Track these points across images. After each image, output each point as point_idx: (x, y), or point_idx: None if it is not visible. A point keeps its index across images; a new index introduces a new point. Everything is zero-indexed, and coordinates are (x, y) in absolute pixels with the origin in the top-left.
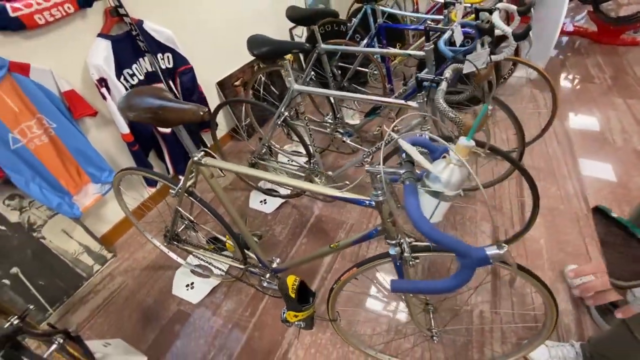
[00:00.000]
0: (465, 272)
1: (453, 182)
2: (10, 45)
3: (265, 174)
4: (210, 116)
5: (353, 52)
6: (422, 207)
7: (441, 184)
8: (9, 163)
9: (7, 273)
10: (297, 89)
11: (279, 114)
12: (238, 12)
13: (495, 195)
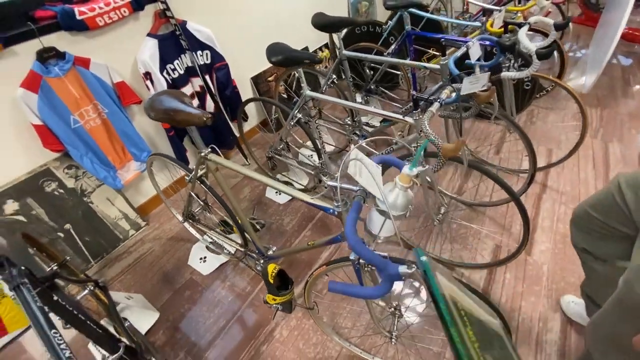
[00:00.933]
0: (384, 284)
1: (397, 204)
2: (76, 43)
3: (254, 173)
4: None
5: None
6: (373, 222)
7: (387, 205)
8: (68, 139)
9: (62, 227)
10: (309, 95)
11: (292, 116)
12: (277, 14)
13: (507, 214)
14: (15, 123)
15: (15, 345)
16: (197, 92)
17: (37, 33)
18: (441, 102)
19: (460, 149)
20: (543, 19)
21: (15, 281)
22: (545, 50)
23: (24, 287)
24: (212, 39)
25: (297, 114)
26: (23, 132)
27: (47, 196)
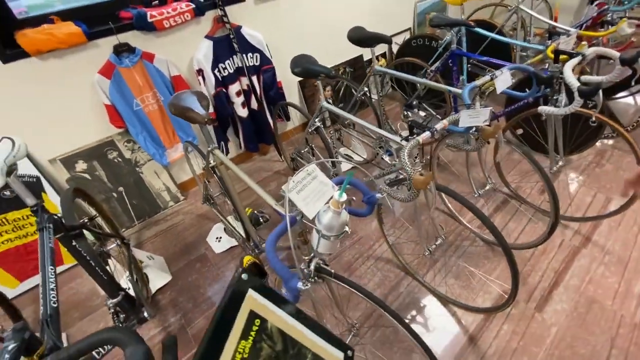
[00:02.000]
0: (289, 295)
1: (331, 225)
2: (144, 40)
3: (244, 175)
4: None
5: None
6: (314, 239)
7: (322, 225)
8: (129, 119)
9: (116, 189)
10: (325, 107)
11: (311, 124)
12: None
13: (529, 261)
14: (91, 101)
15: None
16: (243, 90)
17: (115, 31)
18: (432, 131)
19: (428, 183)
20: (606, 50)
21: (42, 224)
22: (589, 87)
23: (46, 230)
24: (262, 44)
25: (316, 122)
26: (96, 109)
27: (108, 162)
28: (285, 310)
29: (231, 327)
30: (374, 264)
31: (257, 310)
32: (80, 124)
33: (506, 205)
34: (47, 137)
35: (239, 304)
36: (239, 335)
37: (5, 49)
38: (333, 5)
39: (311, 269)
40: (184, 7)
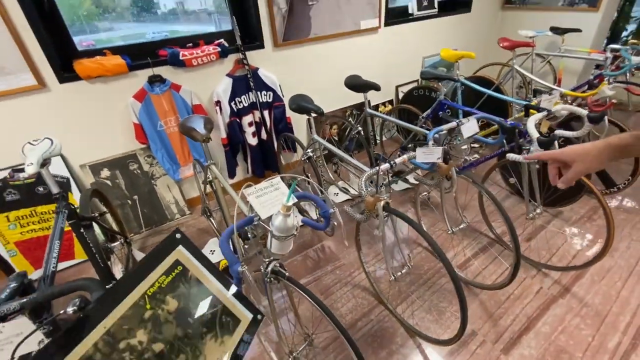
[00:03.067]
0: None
1: (280, 227)
2: (174, 74)
3: (229, 187)
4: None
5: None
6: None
7: (274, 227)
8: (152, 137)
9: (131, 197)
10: (315, 139)
11: (304, 154)
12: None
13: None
14: (123, 120)
15: (76, 269)
16: (255, 122)
17: (152, 65)
18: (392, 163)
19: (375, 205)
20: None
21: (59, 209)
22: (546, 139)
23: (61, 213)
24: (275, 84)
25: (308, 152)
26: (125, 126)
27: (128, 172)
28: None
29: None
30: (350, 290)
31: (182, 260)
32: (111, 137)
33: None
34: (83, 145)
35: (169, 252)
36: (162, 271)
37: (63, 72)
38: (346, 55)
39: (268, 270)
40: (211, 50)
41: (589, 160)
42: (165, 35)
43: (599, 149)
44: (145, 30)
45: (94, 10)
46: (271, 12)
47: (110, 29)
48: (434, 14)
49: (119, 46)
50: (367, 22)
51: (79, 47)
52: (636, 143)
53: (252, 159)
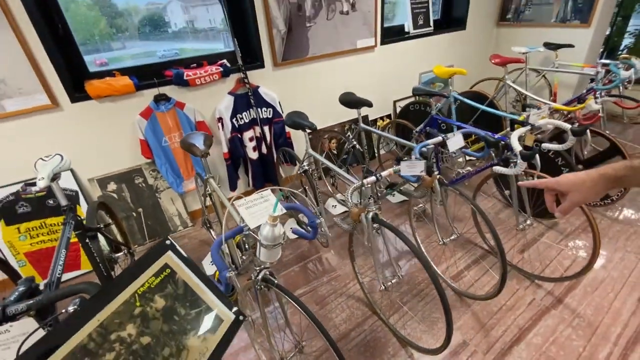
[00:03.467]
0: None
1: (267, 236)
2: (179, 93)
3: (225, 199)
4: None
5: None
6: (258, 249)
7: (262, 236)
8: (157, 152)
9: (136, 209)
10: (309, 153)
11: (299, 167)
12: (341, 86)
13: (498, 313)
14: (129, 136)
15: (80, 279)
16: (256, 137)
17: (157, 85)
18: (377, 176)
19: (359, 215)
20: (557, 122)
21: (67, 220)
22: (528, 152)
23: (68, 224)
24: (275, 101)
25: (304, 166)
26: (132, 142)
27: (134, 186)
28: (195, 274)
29: (148, 267)
30: (345, 301)
31: (171, 264)
32: (118, 152)
33: (475, 255)
34: (91, 160)
35: (158, 256)
36: (152, 273)
37: (75, 92)
38: (344, 73)
39: (258, 278)
40: (214, 70)
41: (585, 191)
42: (176, 53)
43: (593, 180)
44: (157, 49)
45: (108, 30)
46: (271, 34)
47: (123, 47)
48: (429, 32)
49: (127, 67)
50: (364, 42)
51: (94, 65)
52: (630, 174)
53: (253, 173)
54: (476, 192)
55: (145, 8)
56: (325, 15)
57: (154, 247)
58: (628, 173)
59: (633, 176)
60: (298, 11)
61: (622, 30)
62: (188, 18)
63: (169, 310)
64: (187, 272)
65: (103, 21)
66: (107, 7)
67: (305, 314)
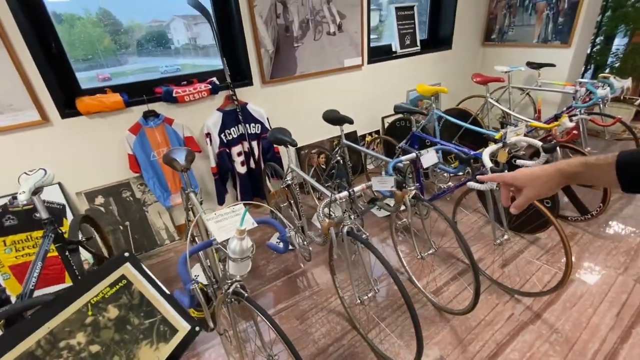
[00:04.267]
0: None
1: (235, 249)
2: (168, 109)
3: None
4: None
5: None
6: (227, 262)
7: (230, 249)
8: (145, 167)
9: (123, 223)
10: (291, 167)
11: (283, 181)
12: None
13: (477, 328)
14: (118, 151)
15: None
16: (244, 152)
17: (147, 101)
18: (350, 191)
19: (327, 229)
20: (529, 140)
21: (46, 233)
22: (499, 168)
23: (47, 237)
24: (263, 117)
25: (287, 180)
26: (120, 157)
27: (121, 199)
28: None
29: (104, 278)
30: (325, 315)
31: (128, 276)
32: (106, 166)
33: (457, 270)
34: (80, 174)
35: (115, 267)
36: (107, 284)
37: (65, 108)
38: (332, 90)
39: (229, 291)
40: (203, 88)
41: (539, 186)
42: (177, 69)
43: (548, 175)
44: (159, 64)
45: (112, 47)
46: (259, 53)
47: (126, 63)
48: (416, 52)
49: (119, 84)
50: (351, 61)
51: (96, 79)
52: (585, 170)
53: (241, 187)
54: (456, 206)
55: (149, 25)
56: (313, 36)
57: (112, 259)
58: (582, 169)
59: (587, 172)
60: (286, 32)
61: (605, 50)
62: (191, 35)
63: (122, 320)
64: (145, 283)
65: (107, 38)
66: (112, 25)
67: (274, 328)
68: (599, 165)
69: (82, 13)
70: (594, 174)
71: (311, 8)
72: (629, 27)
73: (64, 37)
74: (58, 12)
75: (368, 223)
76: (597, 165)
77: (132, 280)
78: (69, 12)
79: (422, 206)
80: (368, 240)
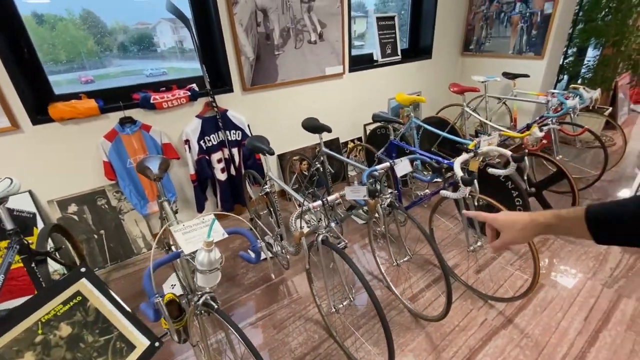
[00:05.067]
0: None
1: (202, 262)
2: (145, 116)
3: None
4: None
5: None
6: (196, 274)
7: (197, 261)
8: (121, 174)
9: (98, 232)
10: (269, 175)
11: (262, 189)
12: (310, 111)
13: (451, 334)
14: (93, 158)
15: None
16: (225, 159)
17: (123, 108)
18: (323, 200)
19: (298, 239)
20: (499, 150)
21: (10, 244)
22: (468, 178)
23: (11, 249)
24: (244, 124)
25: (265, 188)
26: (95, 164)
27: (96, 207)
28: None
29: (57, 295)
30: (303, 324)
31: (83, 291)
32: (80, 174)
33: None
34: (52, 182)
35: (70, 284)
36: (60, 300)
37: (37, 114)
38: (314, 98)
39: (199, 303)
40: (182, 94)
41: (514, 233)
42: (164, 72)
43: (524, 224)
44: (145, 67)
45: (96, 49)
46: (239, 60)
47: (110, 65)
48: (397, 61)
49: (95, 90)
50: (332, 69)
51: (78, 82)
52: (558, 222)
53: (222, 194)
54: (432, 213)
55: (135, 27)
56: (294, 44)
57: (67, 275)
58: (555, 221)
59: (560, 225)
60: (266, 40)
61: (577, 62)
62: (177, 38)
63: (75, 338)
64: (102, 299)
65: (90, 40)
66: (95, 26)
67: (243, 340)
68: (570, 218)
69: (64, 14)
70: (566, 225)
71: (292, 17)
72: (599, 40)
73: (44, 39)
74: (39, 12)
75: (349, 229)
76: (568, 219)
77: (87, 296)
78: (50, 12)
79: (399, 213)
80: (342, 250)
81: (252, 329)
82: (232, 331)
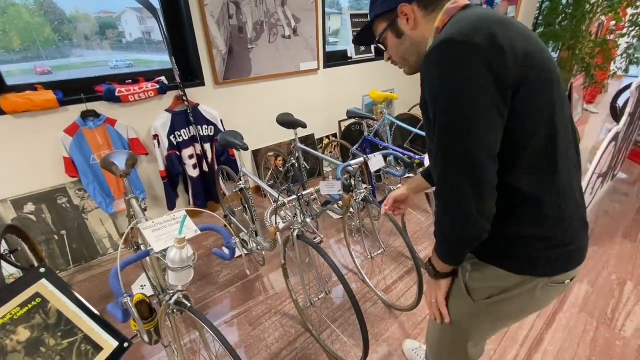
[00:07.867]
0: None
1: (174, 259)
2: (110, 109)
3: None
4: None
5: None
6: (167, 272)
7: (169, 259)
8: (83, 171)
9: (59, 232)
10: (243, 172)
11: (236, 185)
12: (284, 106)
13: (422, 323)
14: (52, 154)
15: None
16: (197, 154)
17: (85, 100)
18: (298, 195)
19: (273, 235)
20: None
21: None
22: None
23: None
24: (216, 119)
25: (240, 184)
26: (55, 160)
27: (56, 206)
28: (73, 302)
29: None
30: (279, 320)
31: (43, 293)
32: (38, 171)
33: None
34: (5, 180)
35: (28, 285)
36: (17, 304)
37: None
38: (288, 93)
39: (171, 302)
40: (149, 87)
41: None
42: (130, 64)
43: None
44: (109, 58)
45: (53, 37)
46: (211, 53)
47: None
48: (371, 58)
49: (54, 82)
50: (307, 65)
51: (33, 72)
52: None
53: (194, 191)
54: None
55: (97, 16)
56: (268, 39)
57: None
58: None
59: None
60: (239, 33)
61: None
62: (145, 29)
63: (35, 342)
64: (64, 300)
65: (47, 27)
66: (53, 13)
67: (218, 338)
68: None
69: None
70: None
71: (265, 10)
72: (556, 44)
73: None
74: None
75: (325, 224)
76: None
77: (48, 298)
78: None
79: (373, 208)
80: (318, 244)
81: (227, 327)
82: (207, 329)
